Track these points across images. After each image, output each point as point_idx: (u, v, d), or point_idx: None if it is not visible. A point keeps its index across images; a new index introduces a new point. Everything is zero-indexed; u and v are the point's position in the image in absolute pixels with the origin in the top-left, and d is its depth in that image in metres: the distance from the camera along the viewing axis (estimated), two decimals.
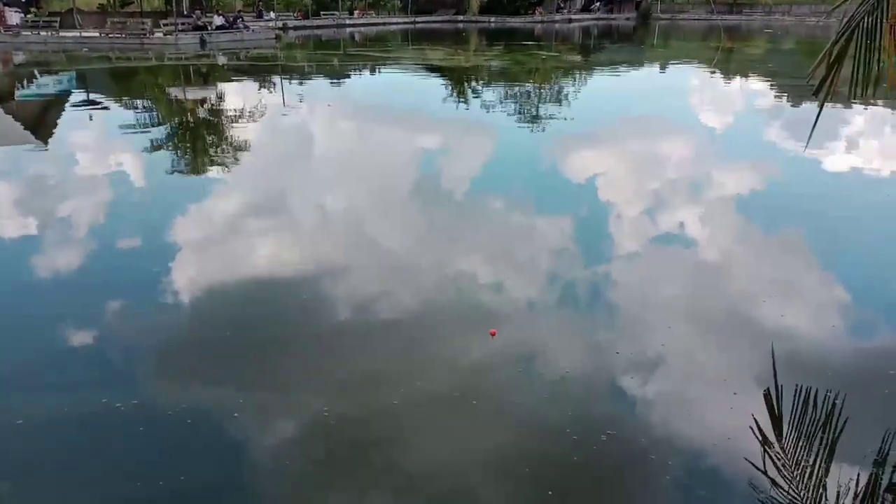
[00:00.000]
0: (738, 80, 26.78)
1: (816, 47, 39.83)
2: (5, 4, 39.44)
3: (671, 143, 14.42)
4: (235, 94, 21.65)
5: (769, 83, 25.13)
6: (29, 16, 40.16)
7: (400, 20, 62.58)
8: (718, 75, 28.53)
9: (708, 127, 16.32)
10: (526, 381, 5.30)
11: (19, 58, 32.12)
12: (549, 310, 6.61)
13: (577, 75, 27.59)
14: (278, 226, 9.02)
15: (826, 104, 5.73)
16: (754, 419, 4.78)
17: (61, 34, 36.86)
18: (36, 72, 27.64)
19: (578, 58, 34.74)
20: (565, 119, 16.76)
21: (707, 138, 14.92)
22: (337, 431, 4.68)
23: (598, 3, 74.49)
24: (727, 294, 6.97)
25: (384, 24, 59.89)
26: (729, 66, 32.23)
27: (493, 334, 5.85)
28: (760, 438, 4.60)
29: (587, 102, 20.41)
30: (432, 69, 28.64)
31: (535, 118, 17.07)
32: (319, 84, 24.77)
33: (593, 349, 5.81)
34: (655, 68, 32.11)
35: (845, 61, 5.42)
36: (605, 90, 24.08)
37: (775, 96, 22.31)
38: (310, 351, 5.85)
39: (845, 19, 5.47)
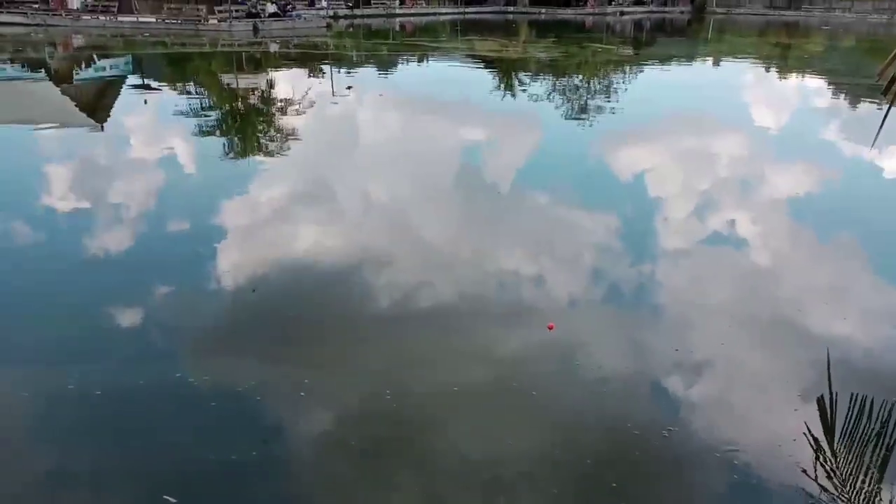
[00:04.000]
0: (794, 78, 26.06)
1: (878, 45, 38.56)
2: None
3: (724, 141, 14.11)
4: (286, 82, 21.86)
5: (827, 81, 24.42)
6: (88, 0, 41.13)
7: (449, 10, 62.46)
8: (774, 72, 27.83)
9: (762, 125, 15.91)
10: (584, 375, 5.26)
11: (79, 41, 32.96)
12: (604, 306, 6.57)
13: (628, 69, 27.17)
14: (327, 213, 9.09)
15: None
16: (806, 426, 4.66)
17: (119, 19, 37.72)
18: (94, 55, 28.33)
19: (630, 51, 34.24)
20: (614, 113, 16.53)
21: (761, 137, 14.54)
22: (397, 414, 4.74)
23: None
24: (785, 298, 6.80)
25: (433, 13, 59.84)
26: (786, 63, 31.41)
27: (551, 328, 5.82)
28: (814, 445, 4.49)
29: (637, 97, 20.06)
30: (482, 60, 28.54)
31: (584, 112, 16.87)
32: (369, 73, 24.87)
33: (652, 346, 5.74)
34: (709, 64, 31.46)
35: None
36: (656, 85, 23.66)
37: (832, 95, 21.68)
38: (362, 335, 5.91)
39: None
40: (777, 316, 6.39)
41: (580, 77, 24.36)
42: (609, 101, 18.43)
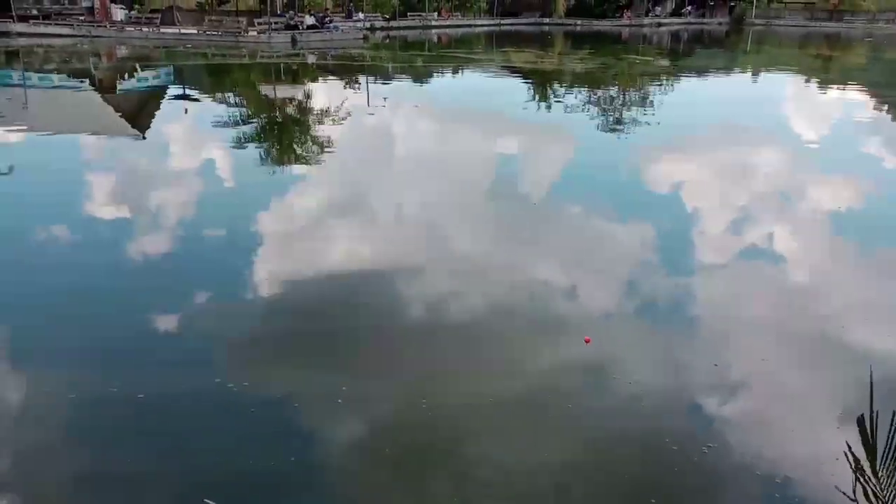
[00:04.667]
0: (835, 91, 25.61)
1: None
2: (111, 1, 41.55)
3: (763, 154, 13.92)
4: (323, 93, 22.13)
5: (869, 94, 23.95)
6: (132, 12, 42.23)
7: (485, 22, 62.66)
8: (814, 84, 27.39)
9: (802, 138, 15.67)
10: (621, 389, 5.21)
11: (122, 52, 33.77)
12: (641, 320, 6.51)
13: (664, 81, 26.96)
14: (363, 222, 9.17)
15: None
16: (847, 445, 4.56)
17: (161, 30, 38.57)
18: (137, 66, 28.99)
19: (666, 62, 33.97)
20: (650, 125, 16.40)
21: (801, 150, 14.32)
22: (434, 424, 4.77)
23: (689, 7, 72.70)
24: (827, 314, 6.69)
25: (469, 25, 60.07)
26: (827, 75, 30.90)
27: (587, 341, 5.79)
28: (854, 466, 4.39)
29: (673, 109, 19.89)
30: (517, 72, 28.58)
31: (620, 124, 16.78)
32: (404, 85, 25.04)
33: (691, 361, 5.69)
34: (747, 75, 31.10)
35: None
36: (694, 97, 23.47)
37: (875, 108, 21.26)
38: (399, 344, 5.96)
39: None
40: (819, 332, 6.28)
41: (616, 89, 24.24)
42: (646, 113, 18.30)
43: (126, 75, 26.29)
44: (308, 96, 21.36)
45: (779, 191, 11.00)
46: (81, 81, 24.05)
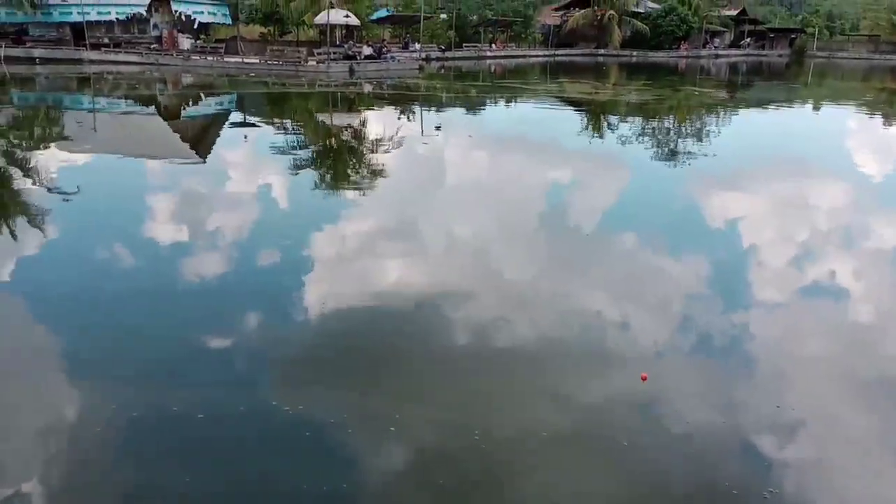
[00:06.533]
0: None
1: None
2: (178, 31, 43.23)
3: (824, 189, 13.56)
4: (378, 121, 22.42)
5: None
6: (198, 42, 43.77)
7: (539, 53, 63.00)
8: (879, 119, 26.62)
9: (865, 174, 15.19)
10: (679, 428, 5.08)
11: (187, 80, 34.94)
12: (699, 357, 6.34)
13: (722, 113, 26.57)
14: (412, 249, 9.21)
15: None
16: None
17: (225, 59, 39.87)
18: (201, 93, 29.92)
19: (724, 94, 33.49)
20: (706, 157, 16.15)
21: (864, 186, 13.86)
22: (486, 455, 4.71)
23: (748, 39, 71.84)
24: (894, 357, 6.42)
25: (523, 56, 60.44)
26: (892, 108, 30.02)
27: (644, 378, 5.64)
28: None
29: (730, 141, 19.55)
30: (571, 102, 28.55)
31: (675, 156, 16.55)
32: (458, 114, 25.23)
33: (752, 402, 5.51)
34: (808, 109, 30.43)
35: None
36: (752, 129, 23.03)
37: None
38: (452, 372, 5.93)
39: None
40: (886, 375, 6.02)
41: (673, 120, 23.98)
42: (703, 145, 18.04)
43: (190, 102, 27.15)
44: (364, 124, 21.69)
45: (842, 227, 10.66)
46: (148, 107, 24.93)
